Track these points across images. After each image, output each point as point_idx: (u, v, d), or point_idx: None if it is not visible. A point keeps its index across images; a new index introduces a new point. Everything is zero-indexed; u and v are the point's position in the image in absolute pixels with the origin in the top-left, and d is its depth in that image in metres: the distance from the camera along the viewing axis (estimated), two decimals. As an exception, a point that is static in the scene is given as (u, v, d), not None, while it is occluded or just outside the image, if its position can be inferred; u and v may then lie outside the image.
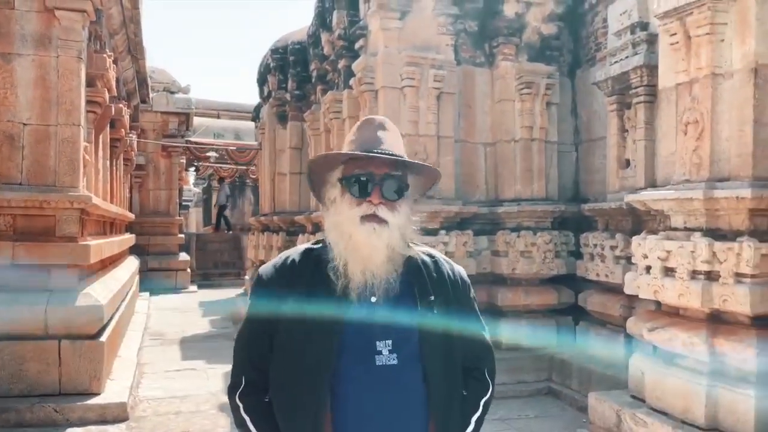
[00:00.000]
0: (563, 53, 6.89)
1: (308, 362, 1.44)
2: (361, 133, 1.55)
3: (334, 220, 1.52)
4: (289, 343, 1.48)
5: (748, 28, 3.59)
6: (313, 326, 1.45)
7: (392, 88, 6.03)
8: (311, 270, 1.53)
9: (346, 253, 1.48)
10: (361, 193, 1.48)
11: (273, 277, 1.56)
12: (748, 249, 3.40)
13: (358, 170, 1.49)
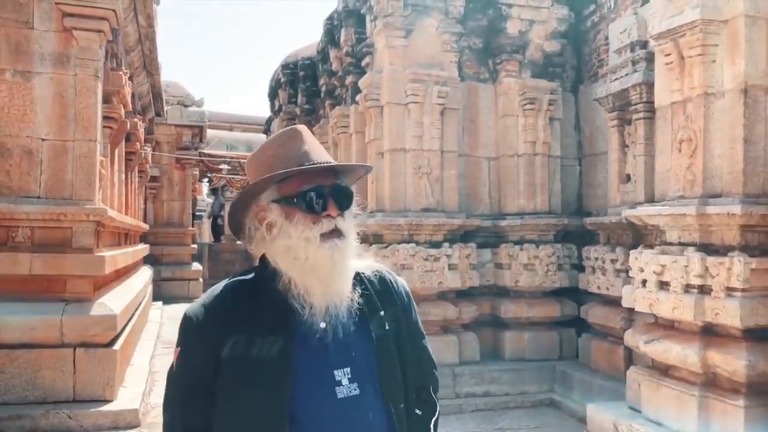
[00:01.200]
0: (566, 69, 7.03)
1: (262, 409, 1.29)
2: (285, 148, 1.40)
3: (283, 244, 1.35)
4: (235, 392, 1.31)
5: (738, 49, 3.71)
6: (261, 367, 1.29)
7: (397, 104, 6.19)
8: (249, 304, 1.36)
9: (303, 277, 1.34)
10: (318, 208, 1.34)
11: (205, 317, 1.35)
12: (739, 264, 3.50)
13: (305, 185, 1.36)
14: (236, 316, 1.34)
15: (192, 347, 1.37)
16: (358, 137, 7.13)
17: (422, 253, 6.03)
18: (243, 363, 1.30)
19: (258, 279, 1.41)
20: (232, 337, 1.32)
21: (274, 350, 1.31)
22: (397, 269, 5.98)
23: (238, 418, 1.31)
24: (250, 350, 1.31)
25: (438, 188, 6.29)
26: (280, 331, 1.32)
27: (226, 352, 1.31)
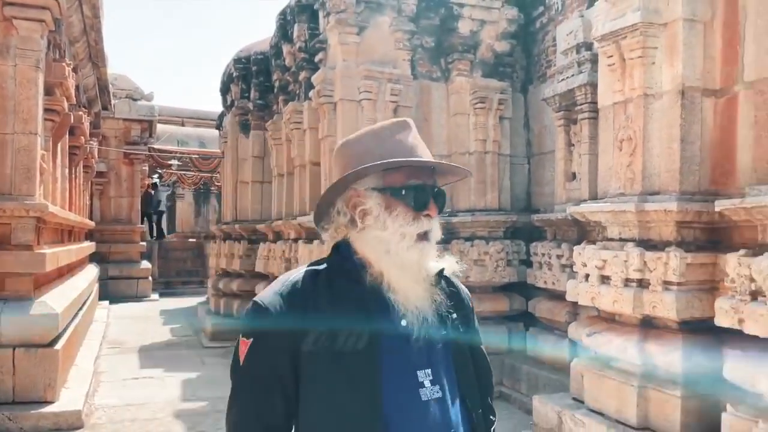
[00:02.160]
0: (516, 70, 7.16)
1: (354, 411, 1.21)
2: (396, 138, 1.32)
3: (377, 235, 1.28)
4: (322, 387, 1.23)
5: (676, 52, 3.85)
6: (348, 362, 1.22)
7: (350, 101, 6.19)
8: (329, 294, 1.28)
9: (394, 273, 1.27)
10: (421, 205, 1.29)
11: (283, 307, 1.26)
12: (675, 258, 3.64)
13: (413, 180, 1.29)
14: (317, 307, 1.26)
15: (268, 339, 1.26)
16: (311, 133, 7.11)
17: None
18: (329, 357, 1.22)
19: (336, 269, 1.32)
20: (314, 328, 1.24)
21: (361, 344, 1.23)
22: (349, 266, 5.99)
23: (327, 415, 1.23)
24: (335, 343, 1.23)
25: (390, 185, 6.31)
26: (365, 324, 1.25)
27: (309, 345, 1.23)
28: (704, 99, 3.85)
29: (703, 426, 3.59)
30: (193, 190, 22.43)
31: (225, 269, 10.60)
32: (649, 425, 3.77)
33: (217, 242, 11.51)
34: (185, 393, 6.31)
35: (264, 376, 1.26)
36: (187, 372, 7.26)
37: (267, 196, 9.77)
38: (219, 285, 10.55)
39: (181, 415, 5.54)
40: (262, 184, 10.01)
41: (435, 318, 1.32)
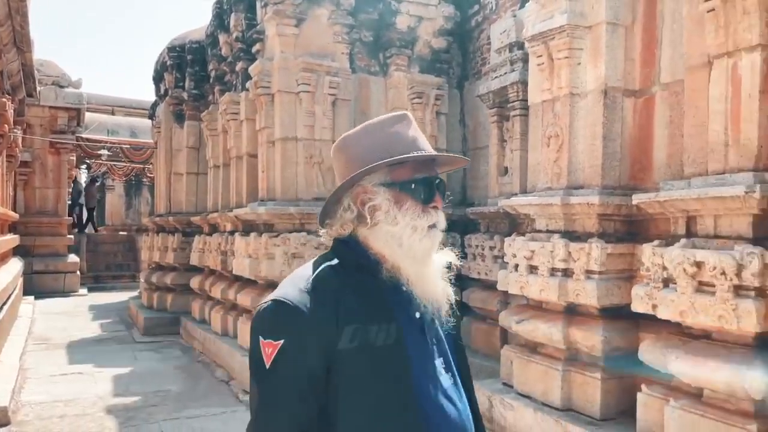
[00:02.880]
0: (453, 66, 7.33)
1: (390, 400, 1.22)
2: (398, 132, 1.33)
3: (389, 230, 1.29)
4: (360, 385, 1.21)
5: (599, 54, 4.07)
6: (382, 357, 1.22)
7: (288, 93, 6.19)
8: (353, 290, 1.26)
9: (408, 266, 1.29)
10: (429, 198, 1.32)
11: (316, 305, 1.21)
12: (596, 249, 3.86)
13: (419, 173, 1.32)
14: (347, 304, 1.23)
15: (302, 339, 1.20)
16: (248, 124, 7.05)
17: (314, 242, 6.08)
18: (364, 354, 1.21)
19: (350, 264, 1.30)
20: (349, 326, 1.21)
21: (390, 339, 1.23)
22: (288, 258, 6.01)
23: (366, 412, 1.21)
24: (367, 339, 1.22)
25: (330, 178, 6.37)
26: (390, 319, 1.25)
27: (345, 343, 1.20)
28: (625, 99, 4.08)
29: (621, 405, 3.84)
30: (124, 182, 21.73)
31: (158, 263, 10.37)
32: (573, 406, 3.99)
33: (150, 235, 11.23)
34: (117, 388, 6.18)
35: (298, 378, 1.20)
36: (119, 367, 7.09)
37: (202, 188, 9.62)
38: (152, 279, 10.31)
39: (114, 410, 5.43)
40: (197, 175, 9.85)
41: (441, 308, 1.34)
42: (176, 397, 5.88)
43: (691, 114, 3.42)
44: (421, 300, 1.29)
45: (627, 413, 3.75)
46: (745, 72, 3.06)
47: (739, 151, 3.07)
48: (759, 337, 2.89)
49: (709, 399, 3.13)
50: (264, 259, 5.97)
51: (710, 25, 3.21)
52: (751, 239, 2.96)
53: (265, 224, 6.23)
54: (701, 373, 3.06)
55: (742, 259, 2.86)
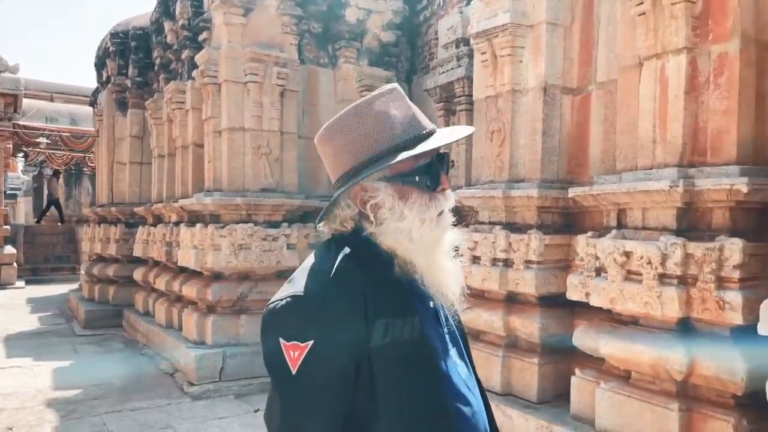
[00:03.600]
0: (401, 60, 7.42)
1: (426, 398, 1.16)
2: (393, 112, 1.22)
3: (397, 227, 1.20)
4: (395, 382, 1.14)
5: (540, 52, 4.23)
6: (412, 352, 1.16)
7: (236, 83, 6.15)
8: (375, 284, 1.17)
9: (419, 259, 1.22)
10: (434, 185, 1.22)
11: (348, 301, 1.12)
12: (535, 240, 4.02)
13: (423, 159, 1.21)
14: (373, 296, 1.14)
15: (333, 338, 1.10)
16: (195, 114, 6.96)
17: (260, 233, 6.08)
18: (395, 349, 1.13)
19: (365, 257, 1.21)
20: (380, 320, 1.13)
21: (416, 332, 1.17)
22: (235, 249, 5.99)
23: (403, 410, 1.13)
24: (397, 334, 1.14)
25: (278, 169, 6.37)
26: (414, 311, 1.19)
27: (378, 339, 1.12)
28: (563, 96, 4.25)
29: (558, 389, 4.03)
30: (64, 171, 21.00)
31: (100, 254, 10.11)
32: (512, 391, 4.16)
33: (92, 226, 10.92)
34: (58, 381, 6.03)
35: (331, 382, 1.11)
36: (59, 361, 6.91)
37: (146, 178, 9.42)
38: (93, 271, 10.05)
39: (54, 403, 5.31)
40: (140, 165, 9.64)
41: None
42: (119, 389, 5.79)
43: (623, 112, 3.60)
44: (435, 289, 1.23)
45: (562, 396, 3.93)
46: (672, 73, 3.25)
47: (666, 148, 3.26)
48: (681, 322, 3.09)
49: (636, 381, 3.33)
50: (210, 250, 5.93)
51: (641, 27, 3.39)
52: (675, 230, 3.16)
53: (212, 215, 6.18)
54: (629, 356, 3.25)
55: (666, 249, 3.05)
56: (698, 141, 3.18)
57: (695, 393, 3.08)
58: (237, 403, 5.39)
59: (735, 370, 2.82)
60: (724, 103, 3.08)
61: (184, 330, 6.42)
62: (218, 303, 6.03)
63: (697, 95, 3.20)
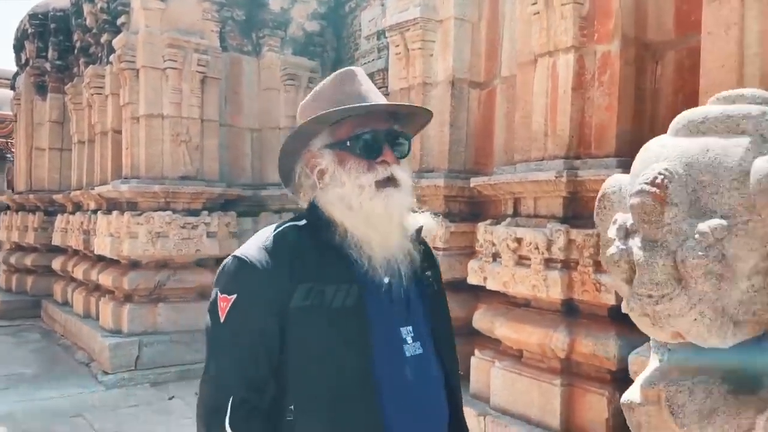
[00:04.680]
0: (327, 50, 7.46)
1: (345, 364, 1.21)
2: (343, 86, 1.31)
3: (337, 193, 1.26)
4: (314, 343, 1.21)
5: (448, 47, 4.38)
6: (339, 320, 1.21)
7: (154, 68, 6.06)
8: (312, 251, 1.25)
9: (359, 227, 1.25)
10: (373, 153, 1.26)
11: (271, 262, 1.22)
12: (441, 227, 4.18)
13: (360, 129, 1.27)
14: (304, 263, 1.22)
15: (255, 295, 1.21)
16: (114, 99, 6.80)
17: (179, 221, 6.04)
18: (319, 313, 1.20)
19: (313, 226, 1.29)
20: (303, 284, 1.21)
21: (350, 300, 1.22)
22: (152, 237, 5.92)
23: (320, 371, 1.21)
24: (324, 299, 1.21)
25: (198, 156, 6.32)
26: (350, 281, 1.23)
27: (298, 301, 1.20)
28: (471, 90, 4.43)
29: (461, 370, 4.21)
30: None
31: (18, 243, 9.74)
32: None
33: (9, 214, 10.49)
34: (-32, 373, 5.83)
35: (248, 331, 1.21)
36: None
37: (66, 165, 9.13)
38: (11, 260, 9.68)
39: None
40: (60, 151, 9.34)
41: (411, 274, 1.31)
42: (31, 379, 5.66)
43: (520, 106, 3.79)
44: (378, 263, 1.25)
45: (464, 378, 4.12)
46: (562, 70, 3.45)
47: (555, 141, 3.46)
48: (565, 303, 3.31)
49: (527, 360, 3.54)
50: (126, 238, 5.84)
51: (535, 26, 3.58)
52: (561, 218, 3.37)
53: (129, 202, 6.09)
54: (520, 336, 3.45)
55: (552, 236, 3.26)
56: (584, 134, 3.40)
57: (577, 369, 3.30)
58: (152, 391, 5.37)
59: (609, 347, 3.05)
60: (607, 99, 3.30)
61: (101, 319, 6.31)
62: (135, 291, 5.96)
63: (584, 91, 3.41)
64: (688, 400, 1.17)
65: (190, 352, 5.80)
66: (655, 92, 3.32)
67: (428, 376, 1.30)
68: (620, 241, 1.14)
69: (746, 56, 2.43)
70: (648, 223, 1.06)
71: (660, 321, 1.08)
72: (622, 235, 1.14)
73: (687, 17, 3.14)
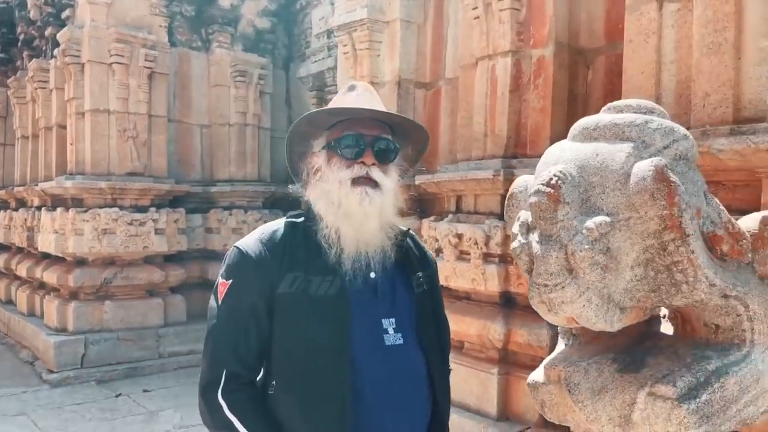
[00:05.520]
0: (278, 47, 7.48)
1: (323, 346, 1.34)
2: (345, 97, 1.48)
3: (322, 188, 1.41)
4: (295, 326, 1.36)
5: (395, 48, 4.48)
6: (321, 307, 1.35)
7: (100, 63, 5.98)
8: (304, 244, 1.40)
9: (336, 221, 1.38)
10: (352, 153, 1.40)
11: (263, 253, 1.38)
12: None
13: (347, 131, 1.41)
14: (293, 254, 1.38)
15: (248, 281, 1.38)
16: (58, 93, 6.66)
17: (126, 218, 5.98)
18: (303, 299, 1.35)
19: (307, 222, 1.44)
20: (290, 273, 1.36)
21: (333, 290, 1.36)
22: (99, 234, 5.85)
23: (299, 350, 1.35)
24: (309, 288, 1.36)
25: (145, 153, 6.27)
26: (336, 272, 1.37)
27: (285, 287, 1.36)
28: (417, 90, 4.54)
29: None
30: None
31: (-43, 240, 9.42)
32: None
33: (-52, 210, 10.12)
34: None
35: (240, 313, 1.38)
36: None
37: (9, 160, 8.88)
38: (-51, 258, 9.35)
39: None
40: (4, 146, 9.07)
41: (400, 272, 1.47)
42: (-29, 381, 5.53)
43: (462, 107, 3.93)
44: (348, 254, 1.38)
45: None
46: (500, 73, 3.60)
47: (494, 141, 3.61)
48: (502, 295, 3.46)
49: (467, 350, 3.68)
50: (71, 235, 5.76)
51: (476, 30, 3.72)
52: (499, 215, 3.51)
53: (74, 199, 5.99)
54: (460, 328, 3.58)
55: (490, 231, 3.41)
56: (520, 135, 3.56)
57: (513, 359, 3.47)
58: (98, 389, 5.32)
59: (542, 337, 3.21)
60: (541, 102, 3.46)
61: (45, 317, 6.20)
62: (81, 289, 5.87)
63: (521, 94, 3.56)
64: (583, 379, 1.30)
65: (138, 350, 5.77)
66: (586, 96, 3.50)
67: (407, 365, 1.41)
68: (522, 236, 1.25)
69: (663, 63, 2.60)
70: (544, 220, 1.18)
71: (555, 308, 1.20)
72: (524, 230, 1.26)
73: (615, 26, 3.32)
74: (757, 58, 2.17)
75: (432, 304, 1.55)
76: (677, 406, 1.13)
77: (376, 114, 1.44)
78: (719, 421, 1.16)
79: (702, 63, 2.35)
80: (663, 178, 1.10)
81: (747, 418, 1.21)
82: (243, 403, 1.35)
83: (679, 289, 1.16)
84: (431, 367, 1.46)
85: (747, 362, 1.19)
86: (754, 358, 1.19)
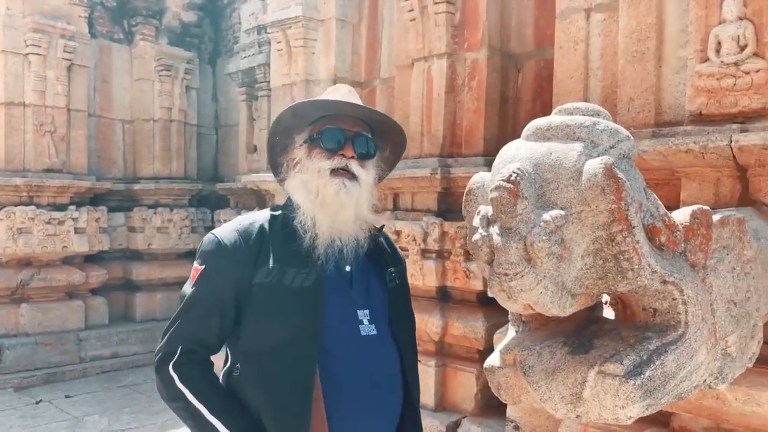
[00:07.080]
0: (204, 42, 7.33)
1: (293, 333, 1.37)
2: (330, 95, 1.55)
3: (301, 178, 1.47)
4: (267, 315, 1.38)
5: (330, 46, 4.52)
6: (295, 297, 1.38)
7: (15, 54, 5.66)
8: (281, 231, 1.44)
9: (313, 209, 1.43)
10: (333, 144, 1.45)
11: (238, 241, 1.42)
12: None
13: (329, 125, 1.47)
14: (271, 247, 1.41)
15: (221, 268, 1.40)
16: (-35, 84, 6.24)
17: (44, 216, 5.69)
18: (277, 290, 1.37)
19: (286, 214, 1.46)
20: (266, 264, 1.39)
21: (308, 281, 1.39)
22: (14, 234, 5.54)
23: (268, 337, 1.37)
24: (284, 278, 1.38)
25: (64, 148, 5.98)
26: (311, 264, 1.41)
27: (260, 278, 1.38)
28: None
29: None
30: None
31: None
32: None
33: None
34: None
35: (207, 298, 1.40)
36: None
37: None
38: None
39: None
40: None
41: (374, 266, 1.53)
42: None
43: (399, 107, 4.01)
44: (322, 241, 1.42)
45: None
46: (436, 75, 3.71)
47: (431, 140, 3.72)
48: (439, 290, 3.57)
49: (404, 344, 3.77)
50: (-17, 234, 5.43)
51: (412, 32, 3.81)
52: (436, 212, 3.62)
53: (-14, 197, 5.65)
54: (398, 323, 3.67)
55: (427, 228, 3.51)
56: (456, 135, 3.68)
57: (450, 351, 3.58)
58: (17, 395, 5.04)
59: (477, 329, 3.35)
60: (475, 103, 3.59)
61: (-47, 323, 5.79)
62: (-6, 292, 5.55)
63: (456, 95, 3.69)
64: (537, 361, 1.40)
65: (58, 354, 5.51)
66: (517, 98, 3.67)
67: (381, 355, 1.47)
68: (483, 229, 1.33)
69: (590, 69, 2.78)
70: (504, 213, 1.26)
71: (514, 295, 1.29)
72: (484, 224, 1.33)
73: (544, 32, 3.50)
74: (676, 67, 2.36)
75: (403, 299, 1.62)
76: (624, 382, 1.24)
77: (360, 109, 1.50)
78: (660, 395, 1.28)
79: (627, 70, 2.53)
80: (612, 174, 1.21)
81: (683, 392, 1.35)
82: (194, 374, 1.39)
83: (625, 276, 1.27)
84: (404, 358, 1.52)
85: (682, 341, 1.32)
86: (689, 338, 1.33)
